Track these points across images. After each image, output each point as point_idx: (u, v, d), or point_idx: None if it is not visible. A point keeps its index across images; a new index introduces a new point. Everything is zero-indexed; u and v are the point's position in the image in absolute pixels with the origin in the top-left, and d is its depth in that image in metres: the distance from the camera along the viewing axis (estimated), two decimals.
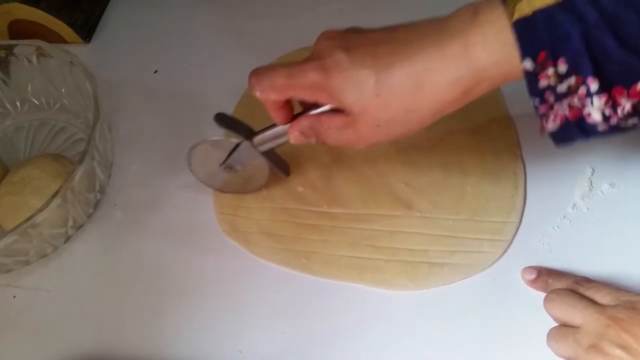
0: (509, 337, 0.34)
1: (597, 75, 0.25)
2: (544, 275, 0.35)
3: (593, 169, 0.40)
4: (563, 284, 0.33)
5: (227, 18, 0.55)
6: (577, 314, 0.30)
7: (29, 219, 0.36)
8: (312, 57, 0.30)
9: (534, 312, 0.34)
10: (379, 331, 0.35)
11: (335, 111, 0.31)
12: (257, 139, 0.37)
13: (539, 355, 0.33)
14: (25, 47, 0.46)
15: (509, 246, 0.37)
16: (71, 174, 0.37)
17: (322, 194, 0.41)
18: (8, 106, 0.49)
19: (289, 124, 0.34)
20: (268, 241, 0.40)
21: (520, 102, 0.44)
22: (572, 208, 0.38)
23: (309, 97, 0.31)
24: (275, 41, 0.52)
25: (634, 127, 0.27)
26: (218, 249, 0.40)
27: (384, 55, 0.28)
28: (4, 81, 0.48)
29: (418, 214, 0.39)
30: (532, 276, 0.35)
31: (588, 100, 0.26)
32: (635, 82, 0.25)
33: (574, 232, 0.37)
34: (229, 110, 0.47)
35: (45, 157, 0.43)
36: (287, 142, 0.35)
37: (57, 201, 0.36)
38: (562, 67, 0.26)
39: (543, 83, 0.26)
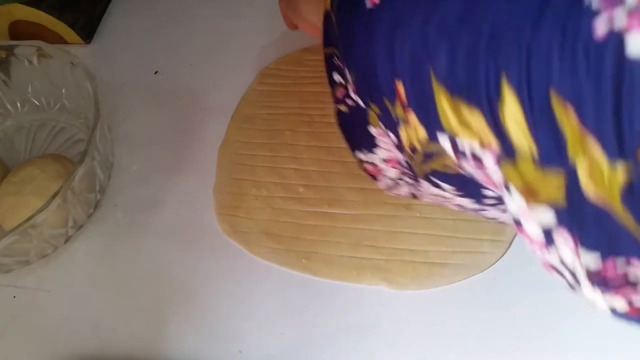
0: (509, 337, 0.34)
1: None
2: None
3: None
4: None
5: (228, 19, 0.55)
6: None
7: (29, 219, 0.35)
8: None
9: (534, 313, 0.35)
10: (379, 331, 0.35)
11: None
12: None
13: (539, 356, 0.33)
14: (25, 48, 0.46)
15: (509, 247, 0.37)
16: (71, 174, 0.37)
17: (323, 195, 0.41)
18: (9, 107, 0.49)
19: None
20: (268, 241, 0.40)
21: None
22: None
23: None
24: (276, 42, 0.52)
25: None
26: (218, 249, 0.40)
27: None
28: (4, 82, 0.48)
29: (418, 214, 0.39)
30: None
31: None
32: None
33: None
34: (229, 110, 0.47)
35: (45, 158, 0.43)
36: None
37: (57, 201, 0.36)
38: None
39: None
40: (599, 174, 0.16)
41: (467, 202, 0.26)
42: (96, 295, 0.39)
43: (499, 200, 0.24)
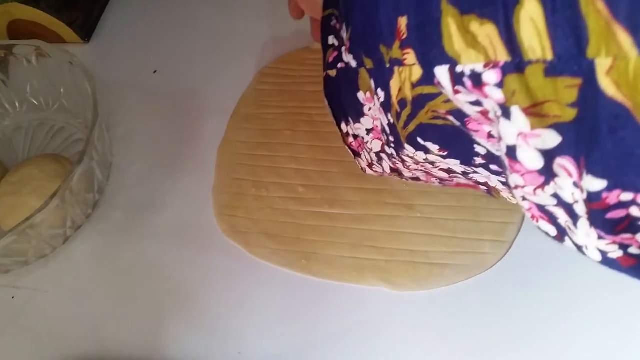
0: (510, 338, 0.34)
1: None
2: None
3: None
4: None
5: (227, 18, 0.54)
6: None
7: (27, 219, 0.35)
8: None
9: (536, 314, 0.34)
10: (379, 332, 0.35)
11: None
12: None
13: (540, 356, 0.33)
14: (24, 47, 0.46)
15: (510, 247, 0.37)
16: (70, 174, 0.37)
17: (323, 195, 0.41)
18: (7, 106, 0.49)
19: None
20: (268, 242, 0.39)
21: None
22: None
23: None
24: (276, 41, 0.51)
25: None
26: (217, 249, 0.40)
27: None
28: (3, 81, 0.48)
29: (419, 215, 0.39)
30: None
31: None
32: None
33: None
34: (229, 109, 0.47)
35: (44, 158, 0.43)
36: None
37: (55, 201, 0.36)
38: None
39: None
40: (623, 70, 0.16)
41: (455, 165, 0.26)
42: (95, 296, 0.39)
43: (488, 159, 0.24)
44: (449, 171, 0.27)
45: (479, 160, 0.24)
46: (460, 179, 0.28)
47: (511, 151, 0.20)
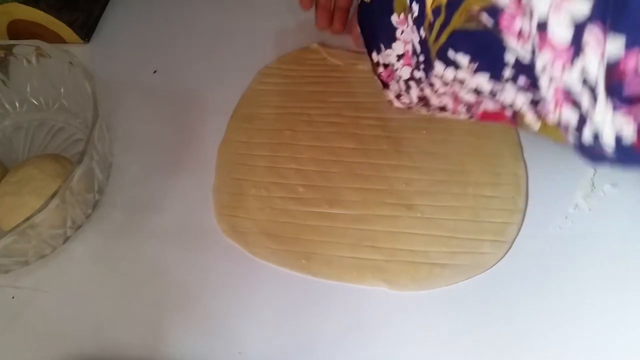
0: (509, 338, 0.34)
1: None
2: None
3: (595, 169, 0.39)
4: None
5: (227, 18, 0.54)
6: None
7: (27, 219, 0.35)
8: None
9: (536, 314, 0.34)
10: (379, 332, 0.35)
11: None
12: None
13: (540, 356, 0.33)
14: (24, 47, 0.46)
15: (510, 247, 0.37)
16: (70, 174, 0.37)
17: (323, 195, 0.41)
18: (7, 106, 0.49)
19: None
20: (268, 242, 0.39)
21: None
22: (574, 208, 0.38)
23: None
24: (276, 41, 0.51)
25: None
26: (217, 249, 0.40)
27: None
28: (3, 81, 0.48)
29: (419, 215, 0.39)
30: None
31: None
32: None
33: (576, 233, 0.37)
34: (229, 109, 0.47)
35: (44, 158, 0.43)
36: None
37: (55, 201, 0.36)
38: None
39: None
40: None
41: (483, 82, 0.26)
42: (95, 296, 0.39)
43: (517, 70, 0.24)
44: (477, 92, 0.27)
45: (507, 73, 0.25)
46: (487, 103, 0.28)
47: (542, 27, 0.20)
